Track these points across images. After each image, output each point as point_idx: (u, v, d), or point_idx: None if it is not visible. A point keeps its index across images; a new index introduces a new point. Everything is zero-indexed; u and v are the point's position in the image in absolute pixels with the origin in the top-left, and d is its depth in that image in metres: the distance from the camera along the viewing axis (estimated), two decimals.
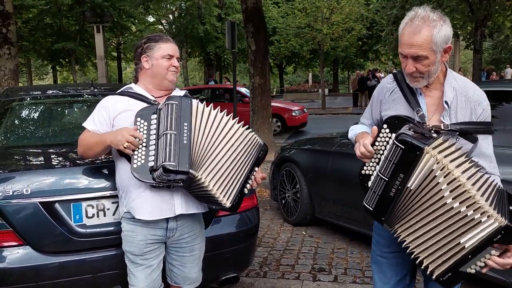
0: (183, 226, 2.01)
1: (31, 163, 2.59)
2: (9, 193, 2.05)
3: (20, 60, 21.10)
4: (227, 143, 1.88)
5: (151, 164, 1.77)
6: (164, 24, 30.20)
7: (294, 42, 24.19)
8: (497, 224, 1.39)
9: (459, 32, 21.30)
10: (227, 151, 1.87)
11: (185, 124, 1.79)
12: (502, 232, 1.38)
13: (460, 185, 1.43)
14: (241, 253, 2.57)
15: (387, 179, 1.53)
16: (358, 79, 19.93)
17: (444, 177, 1.44)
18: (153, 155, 1.78)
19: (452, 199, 1.43)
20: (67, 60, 24.03)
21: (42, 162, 2.60)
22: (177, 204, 1.92)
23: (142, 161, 1.79)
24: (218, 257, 2.41)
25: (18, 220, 2.06)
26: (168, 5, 27.10)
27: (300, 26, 20.37)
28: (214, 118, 1.90)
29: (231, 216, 2.51)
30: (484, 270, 1.47)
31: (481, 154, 1.68)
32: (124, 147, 1.78)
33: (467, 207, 1.42)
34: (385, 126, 1.61)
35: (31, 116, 3.23)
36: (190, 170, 1.72)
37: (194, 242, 2.07)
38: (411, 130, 1.52)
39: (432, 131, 1.58)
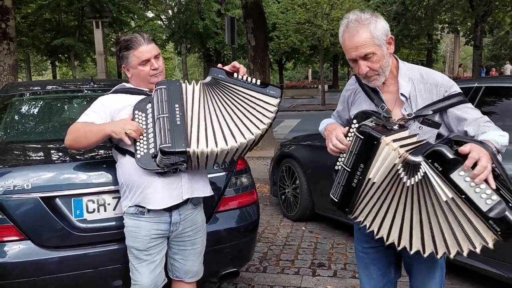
0: (185, 220, 2.01)
1: (32, 158, 2.60)
2: (10, 188, 2.05)
3: (19, 56, 21.04)
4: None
5: (152, 151, 1.79)
6: (164, 19, 30.13)
7: (294, 38, 24.14)
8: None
9: (459, 28, 21.26)
10: None
11: (176, 105, 1.79)
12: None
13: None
14: (241, 248, 2.58)
15: (349, 170, 1.57)
16: None
17: None
18: (153, 142, 1.80)
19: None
20: (66, 55, 23.97)
21: (42, 157, 2.61)
22: (184, 190, 1.93)
23: (145, 150, 1.81)
24: (218, 252, 2.42)
25: (19, 215, 2.07)
26: (168, 0, 27.03)
27: (300, 21, 20.30)
28: None
29: (231, 211, 2.52)
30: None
31: (473, 121, 1.61)
32: (127, 133, 1.78)
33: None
34: (354, 121, 1.64)
35: (31, 112, 3.23)
36: (187, 149, 1.73)
37: (196, 236, 2.08)
38: (373, 122, 1.56)
39: (396, 125, 1.60)
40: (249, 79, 1.86)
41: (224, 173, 2.48)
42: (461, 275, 3.09)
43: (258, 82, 1.85)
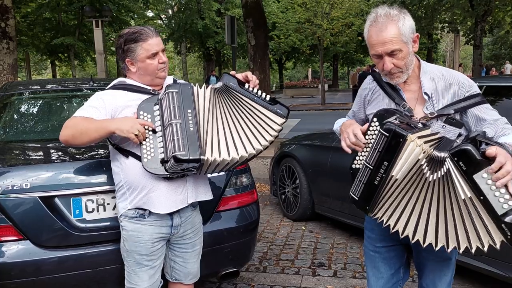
0: (186, 222, 1.99)
1: (31, 157, 2.59)
2: (8, 188, 2.05)
3: (19, 55, 21.02)
4: None
5: (162, 156, 1.74)
6: (163, 19, 30.12)
7: (294, 37, 24.13)
8: None
9: (459, 28, 21.26)
10: None
11: (189, 111, 1.75)
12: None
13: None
14: (241, 248, 2.58)
15: (372, 168, 1.56)
16: (358, 74, 19.92)
17: None
18: (162, 147, 1.75)
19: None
20: (66, 55, 23.98)
21: (41, 156, 2.60)
22: (189, 194, 1.92)
23: (152, 154, 1.77)
24: (218, 252, 2.41)
25: (18, 214, 2.06)
26: (168, 0, 27.03)
27: (300, 21, 20.31)
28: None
29: (231, 211, 2.51)
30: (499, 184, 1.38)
31: (492, 122, 1.64)
32: (135, 135, 1.73)
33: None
34: (374, 119, 1.62)
35: (30, 111, 3.22)
36: (202, 157, 1.70)
37: (196, 237, 2.06)
38: (397, 120, 1.55)
39: (420, 123, 1.59)
40: (259, 92, 1.84)
41: (224, 172, 2.47)
42: (461, 274, 3.08)
43: (268, 97, 1.83)
